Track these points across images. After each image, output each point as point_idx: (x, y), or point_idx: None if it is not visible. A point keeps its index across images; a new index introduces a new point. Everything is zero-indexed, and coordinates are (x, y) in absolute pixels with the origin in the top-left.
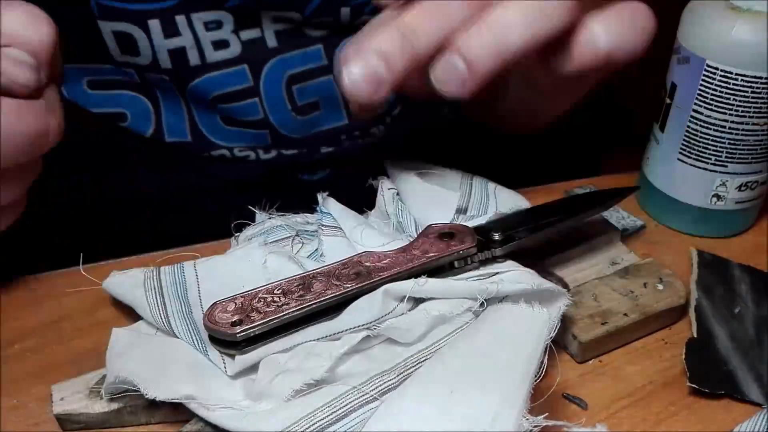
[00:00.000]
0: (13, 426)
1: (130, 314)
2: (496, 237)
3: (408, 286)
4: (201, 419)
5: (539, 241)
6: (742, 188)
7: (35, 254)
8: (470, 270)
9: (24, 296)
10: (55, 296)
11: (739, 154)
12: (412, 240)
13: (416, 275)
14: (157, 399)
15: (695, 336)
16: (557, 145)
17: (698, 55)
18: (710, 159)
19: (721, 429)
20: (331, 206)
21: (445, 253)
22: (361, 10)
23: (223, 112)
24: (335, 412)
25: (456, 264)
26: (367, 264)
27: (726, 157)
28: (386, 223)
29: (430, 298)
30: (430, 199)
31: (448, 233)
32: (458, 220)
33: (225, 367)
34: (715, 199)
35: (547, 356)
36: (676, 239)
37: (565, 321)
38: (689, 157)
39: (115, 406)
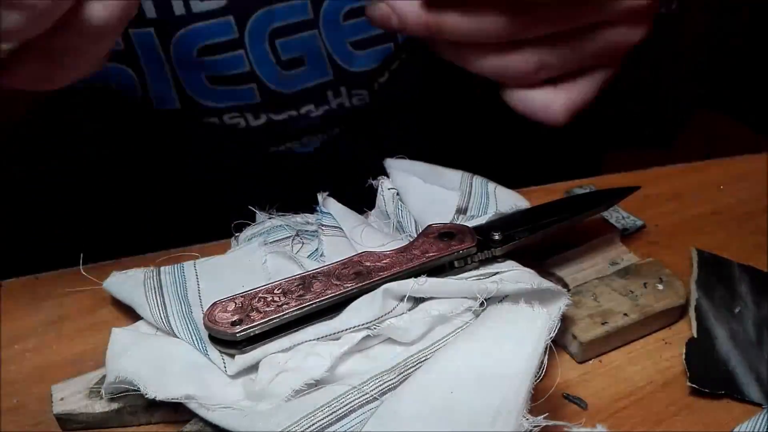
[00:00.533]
0: (13, 426)
1: (130, 314)
2: (496, 237)
3: (408, 286)
4: (201, 419)
5: (539, 241)
6: None
7: (35, 254)
8: (470, 270)
9: (24, 296)
10: (55, 296)
11: None
12: (412, 240)
13: (416, 275)
14: (157, 399)
15: (695, 336)
16: (557, 145)
17: None
18: None
19: (721, 429)
20: (331, 206)
21: (445, 252)
22: None
23: (209, 67)
24: (335, 412)
25: (456, 264)
26: (367, 264)
27: None
28: (386, 223)
29: (429, 297)
30: (430, 199)
31: (448, 233)
32: (458, 220)
33: (225, 367)
34: None
35: (547, 356)
36: (676, 239)
37: (565, 321)
38: None
39: (115, 406)
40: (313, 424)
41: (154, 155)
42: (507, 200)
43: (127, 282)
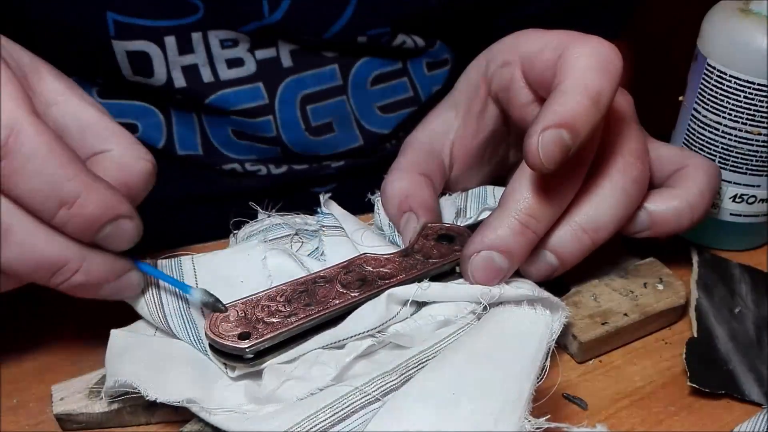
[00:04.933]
0: (13, 426)
1: (130, 314)
2: None
3: (411, 291)
4: (201, 419)
5: None
6: (737, 199)
7: None
8: None
9: (24, 296)
10: (55, 296)
11: (733, 161)
12: (412, 242)
13: (419, 280)
14: (158, 401)
15: (695, 336)
16: None
17: (702, 53)
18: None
19: (721, 429)
20: (332, 208)
21: (448, 258)
22: (378, 39)
23: (236, 125)
24: (337, 413)
25: (457, 269)
26: (370, 269)
27: (719, 161)
28: (382, 236)
29: (432, 301)
30: None
31: (446, 235)
32: (457, 222)
33: (226, 369)
34: (713, 208)
35: (549, 357)
36: (677, 239)
37: (567, 320)
38: None
39: (115, 406)
40: (315, 425)
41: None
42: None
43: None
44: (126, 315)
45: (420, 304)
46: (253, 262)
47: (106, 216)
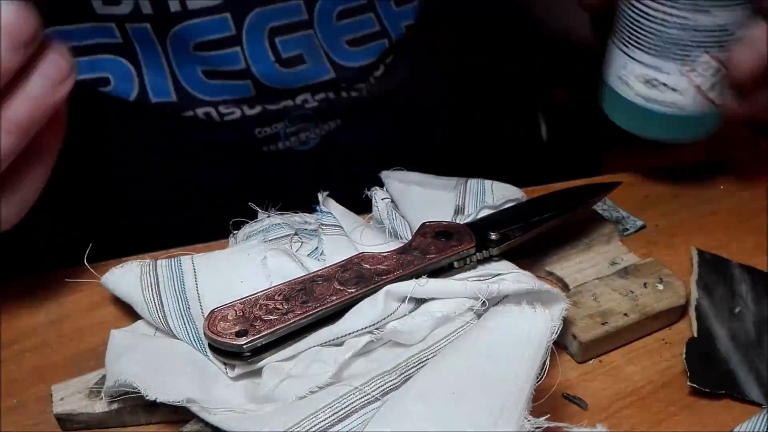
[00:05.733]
0: (13, 426)
1: (130, 314)
2: (493, 237)
3: (409, 287)
4: (201, 419)
5: (534, 238)
6: (648, 84)
7: (35, 254)
8: (468, 270)
9: (24, 296)
10: (55, 296)
11: (639, 36)
12: (410, 239)
13: (417, 276)
14: (158, 400)
15: (695, 336)
16: (557, 145)
17: None
18: (621, 36)
19: (721, 429)
20: (331, 206)
21: (445, 254)
22: None
23: (205, 62)
24: (337, 413)
25: (455, 264)
26: (367, 266)
27: (628, 36)
28: (381, 229)
29: (431, 298)
30: (427, 203)
31: (444, 232)
32: (457, 219)
33: (226, 368)
34: (623, 85)
35: (548, 357)
36: (677, 239)
37: (565, 321)
38: (614, 36)
39: (115, 406)
40: (315, 425)
41: (150, 153)
42: (502, 190)
43: (124, 278)
44: (126, 315)
45: (418, 301)
46: (252, 263)
47: None
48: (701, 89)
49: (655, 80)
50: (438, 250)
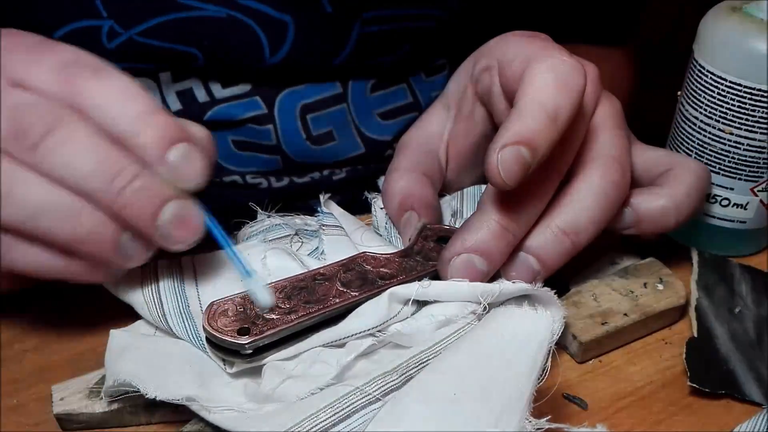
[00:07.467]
0: (13, 426)
1: (130, 314)
2: None
3: (412, 289)
4: (201, 419)
5: None
6: (711, 200)
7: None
8: None
9: (24, 296)
10: (56, 296)
11: (707, 158)
12: (411, 243)
13: (419, 280)
14: (158, 399)
15: (695, 336)
16: None
17: (694, 51)
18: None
19: (721, 429)
20: (332, 208)
21: None
22: (378, 67)
23: (237, 134)
24: (338, 413)
25: None
26: (369, 268)
27: (695, 157)
28: (380, 238)
29: (433, 300)
30: None
31: (447, 237)
32: (454, 223)
33: (225, 365)
34: None
35: (550, 357)
36: (676, 239)
37: (565, 321)
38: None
39: (115, 405)
40: (316, 425)
41: None
42: None
43: (124, 278)
44: (126, 315)
45: (421, 304)
46: (252, 262)
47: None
48: (764, 203)
49: (726, 199)
50: (440, 254)
